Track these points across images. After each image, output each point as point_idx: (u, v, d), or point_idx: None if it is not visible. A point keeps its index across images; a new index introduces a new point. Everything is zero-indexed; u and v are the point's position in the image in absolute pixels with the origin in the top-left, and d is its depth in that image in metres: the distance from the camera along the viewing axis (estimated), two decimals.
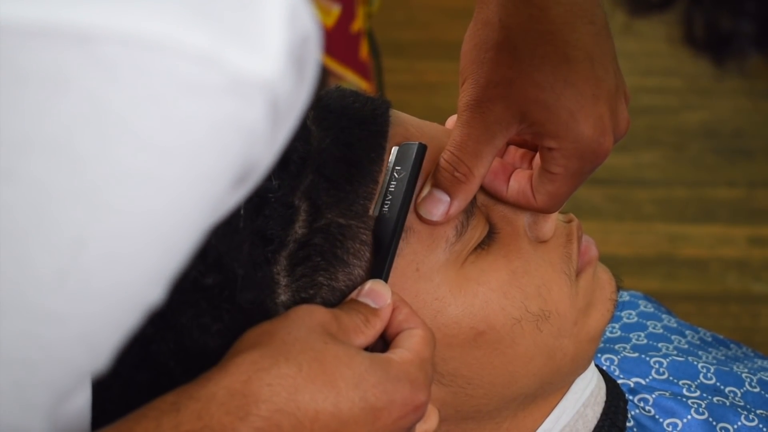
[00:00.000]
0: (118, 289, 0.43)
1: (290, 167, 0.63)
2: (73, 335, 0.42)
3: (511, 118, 0.63)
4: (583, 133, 0.62)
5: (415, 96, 2.88)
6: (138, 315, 0.45)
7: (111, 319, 0.44)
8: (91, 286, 0.41)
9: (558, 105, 0.62)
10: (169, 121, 0.40)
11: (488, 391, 0.67)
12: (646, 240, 2.41)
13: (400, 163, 0.64)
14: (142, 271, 0.43)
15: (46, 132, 0.38)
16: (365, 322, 0.59)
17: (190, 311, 0.61)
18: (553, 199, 0.65)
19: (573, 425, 0.72)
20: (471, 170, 0.63)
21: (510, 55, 0.63)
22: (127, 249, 0.42)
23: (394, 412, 0.55)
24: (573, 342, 0.68)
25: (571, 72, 0.62)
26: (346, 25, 2.14)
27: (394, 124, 0.67)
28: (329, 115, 0.66)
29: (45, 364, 0.43)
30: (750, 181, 2.61)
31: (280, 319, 0.57)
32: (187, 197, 0.42)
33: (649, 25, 0.53)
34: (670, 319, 0.92)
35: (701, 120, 2.88)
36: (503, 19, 0.64)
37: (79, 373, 0.45)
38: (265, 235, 0.62)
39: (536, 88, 0.62)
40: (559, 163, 0.63)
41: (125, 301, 0.44)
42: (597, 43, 0.63)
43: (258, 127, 0.42)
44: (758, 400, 0.81)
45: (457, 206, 0.64)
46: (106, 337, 0.44)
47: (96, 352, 0.44)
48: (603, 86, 0.63)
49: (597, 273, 0.71)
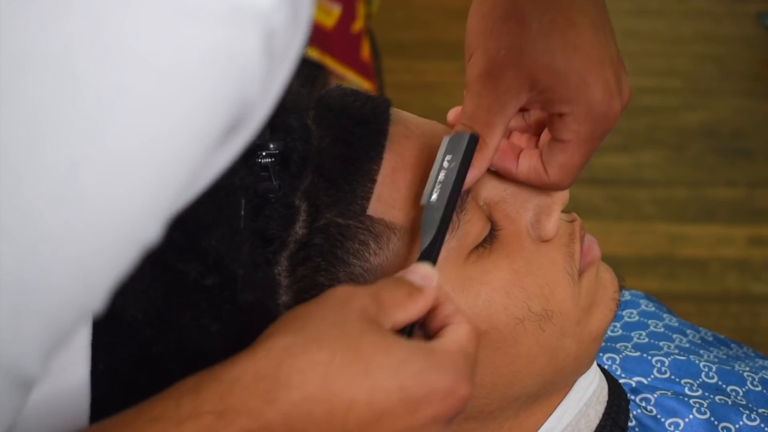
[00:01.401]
0: (113, 215, 0.42)
1: (291, 167, 0.63)
2: (67, 261, 0.42)
3: (521, 86, 0.63)
4: (594, 96, 0.63)
5: (415, 96, 2.88)
6: (133, 251, 0.44)
7: (106, 248, 0.43)
8: (86, 210, 0.41)
9: (568, 69, 0.62)
10: (168, 43, 0.40)
11: (491, 391, 0.67)
12: (646, 240, 2.41)
13: (450, 152, 0.63)
14: (138, 200, 0.42)
15: (45, 50, 0.38)
16: (408, 296, 0.55)
17: (190, 312, 0.61)
18: (564, 170, 0.65)
19: (575, 425, 0.72)
20: (484, 140, 0.63)
21: (518, 23, 0.63)
22: (123, 174, 0.41)
23: (435, 404, 0.52)
24: (576, 341, 0.68)
25: (578, 37, 0.63)
26: (346, 26, 2.14)
27: (395, 123, 0.67)
28: (329, 114, 0.66)
29: (40, 290, 0.42)
30: (750, 181, 2.61)
31: (315, 303, 0.54)
32: (183, 125, 0.42)
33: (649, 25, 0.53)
34: (671, 318, 0.92)
35: (701, 120, 2.88)
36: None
37: (75, 307, 0.44)
38: (265, 236, 0.62)
39: (546, 54, 0.62)
40: (571, 128, 0.64)
41: (120, 231, 0.43)
42: (597, 11, 0.64)
43: (253, 60, 0.42)
44: (760, 399, 0.81)
45: (473, 175, 0.63)
46: (100, 268, 0.43)
47: (91, 285, 0.43)
48: (607, 52, 0.64)
49: (600, 272, 0.71)
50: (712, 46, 3.30)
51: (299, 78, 0.67)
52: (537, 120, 0.70)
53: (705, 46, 3.30)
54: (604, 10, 0.65)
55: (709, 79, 3.11)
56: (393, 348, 0.52)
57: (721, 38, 3.35)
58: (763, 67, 3.24)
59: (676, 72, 3.15)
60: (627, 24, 3.38)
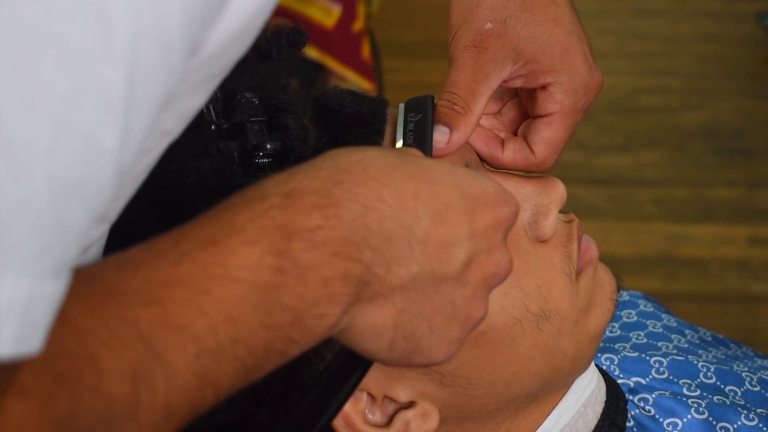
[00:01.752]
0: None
1: (288, 167, 0.63)
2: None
3: (505, 58, 0.66)
4: (577, 66, 0.67)
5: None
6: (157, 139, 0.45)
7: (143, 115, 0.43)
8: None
9: (552, 40, 0.66)
10: None
11: (489, 391, 0.67)
12: (646, 240, 2.41)
13: (412, 110, 0.66)
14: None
15: None
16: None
17: None
18: (550, 146, 0.67)
19: (573, 425, 0.72)
20: (468, 105, 0.65)
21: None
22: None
23: (490, 207, 0.53)
24: (573, 342, 0.68)
25: (558, 12, 0.67)
26: (347, 26, 2.14)
27: (392, 123, 0.67)
28: (327, 115, 0.66)
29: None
30: (750, 181, 2.61)
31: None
32: None
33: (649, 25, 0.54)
34: (669, 319, 0.92)
35: (701, 120, 2.88)
36: None
37: (108, 190, 0.43)
38: None
39: (530, 25, 0.66)
40: (555, 98, 0.66)
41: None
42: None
43: None
44: (758, 399, 0.81)
45: (458, 137, 0.65)
46: (135, 136, 0.43)
47: (125, 156, 0.43)
48: (583, 31, 0.68)
49: (597, 273, 0.71)
50: (712, 45, 3.30)
51: (299, 78, 0.68)
52: (510, 119, 0.72)
53: (705, 46, 3.30)
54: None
55: (709, 79, 3.11)
56: (440, 162, 0.55)
57: (721, 38, 3.35)
58: (763, 67, 3.24)
59: (676, 72, 3.14)
60: (627, 24, 3.39)
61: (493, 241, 0.53)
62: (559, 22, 0.67)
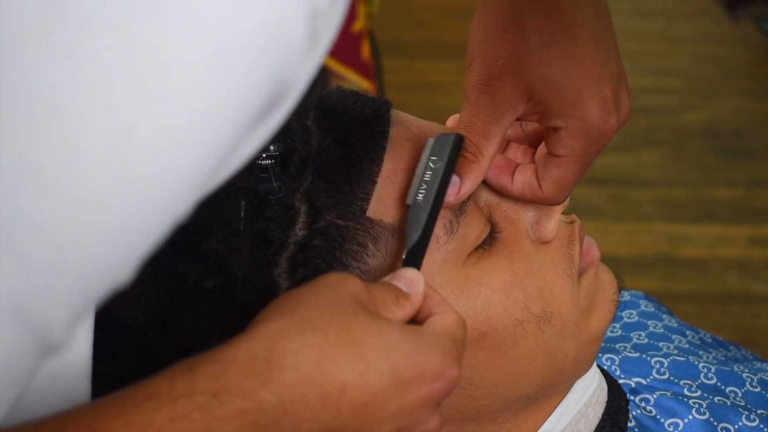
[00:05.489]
0: (155, 185, 0.43)
1: (291, 168, 0.63)
2: (108, 225, 0.42)
3: (519, 97, 0.63)
4: (589, 112, 0.62)
5: (415, 96, 2.89)
6: (165, 225, 0.44)
7: (143, 217, 0.43)
8: (132, 177, 0.41)
9: (566, 82, 0.62)
10: (224, 17, 0.41)
11: (490, 392, 0.67)
12: (646, 240, 2.41)
13: (436, 153, 0.63)
14: (179, 171, 0.43)
15: (112, 15, 0.39)
16: (395, 302, 0.56)
17: (191, 314, 0.61)
18: (559, 185, 0.65)
19: (574, 425, 0.72)
20: (480, 150, 0.63)
21: (518, 33, 0.63)
22: (170, 143, 0.42)
23: (424, 385, 0.53)
24: (575, 343, 0.68)
25: (578, 51, 0.62)
26: (347, 26, 2.14)
27: (395, 124, 0.67)
28: (330, 116, 0.66)
29: (78, 251, 0.42)
30: (750, 181, 2.61)
31: (309, 287, 0.54)
32: (229, 100, 0.43)
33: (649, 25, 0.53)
34: (670, 319, 0.92)
35: (701, 120, 2.88)
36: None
37: (106, 274, 0.44)
38: (265, 238, 0.62)
39: (544, 65, 0.62)
40: (565, 143, 0.63)
41: (158, 202, 0.43)
42: (600, 27, 0.64)
43: (296, 41, 0.43)
44: (759, 399, 0.81)
45: (468, 187, 0.63)
46: (135, 237, 0.44)
47: (125, 253, 0.44)
48: (607, 68, 0.63)
49: (599, 274, 0.71)
50: (711, 46, 3.30)
51: None
52: (534, 130, 0.71)
53: (704, 46, 3.30)
54: (608, 26, 0.65)
55: (708, 79, 3.11)
56: (385, 330, 0.52)
57: (721, 38, 3.35)
58: (762, 67, 3.25)
59: (676, 72, 3.15)
60: (627, 24, 3.39)
61: (420, 416, 0.53)
62: (576, 61, 0.62)
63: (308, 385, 0.50)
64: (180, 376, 0.49)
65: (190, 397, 0.48)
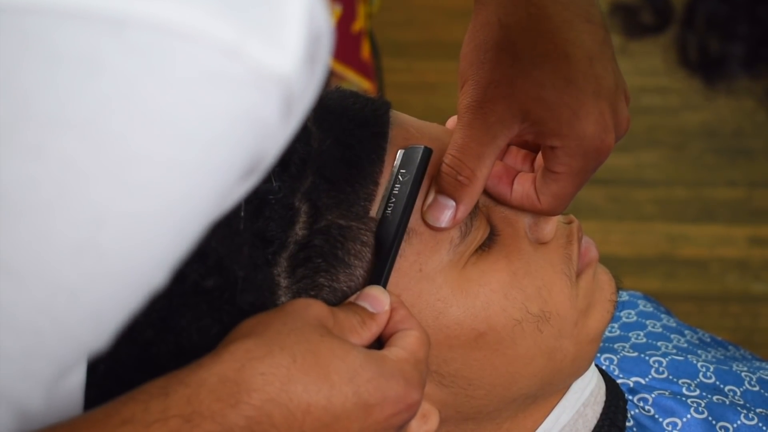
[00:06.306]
0: (128, 268, 0.43)
1: (291, 169, 0.63)
2: (82, 309, 0.43)
3: (512, 118, 0.62)
4: (586, 131, 0.62)
5: (415, 96, 2.89)
6: (142, 297, 0.45)
7: (119, 297, 0.44)
8: (104, 263, 0.42)
9: (560, 102, 0.61)
10: (194, 109, 0.41)
11: (489, 392, 0.67)
12: (646, 240, 2.41)
13: (405, 166, 0.64)
14: (152, 254, 0.44)
15: (78, 111, 0.39)
16: (361, 324, 0.58)
17: (190, 314, 0.61)
18: (557, 199, 0.65)
19: (573, 425, 0.72)
20: (474, 173, 0.63)
21: (510, 55, 0.63)
22: (142, 231, 0.42)
23: (387, 409, 0.55)
24: (573, 343, 0.68)
25: (571, 70, 0.62)
26: (347, 25, 2.14)
27: (395, 126, 0.67)
28: (329, 117, 0.66)
29: (53, 336, 0.43)
30: (750, 181, 2.61)
31: (277, 311, 0.56)
32: (201, 186, 0.43)
33: None
34: (669, 319, 0.92)
35: (701, 120, 2.88)
36: (502, 18, 0.64)
37: (82, 348, 0.45)
38: (265, 237, 0.62)
39: (537, 86, 0.62)
40: (562, 161, 0.63)
41: (133, 282, 0.44)
42: (595, 42, 0.63)
43: (271, 121, 0.43)
44: (758, 398, 0.81)
45: (463, 210, 0.64)
46: (112, 315, 0.45)
47: (101, 329, 0.45)
48: (603, 84, 0.63)
49: (597, 274, 0.71)
50: None
51: None
52: None
53: None
54: (603, 39, 0.64)
55: None
56: (350, 354, 0.54)
57: None
58: (763, 68, 3.24)
59: (676, 72, 3.14)
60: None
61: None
62: (570, 80, 0.61)
63: (274, 407, 0.51)
64: (154, 399, 0.50)
65: (164, 422, 0.49)
